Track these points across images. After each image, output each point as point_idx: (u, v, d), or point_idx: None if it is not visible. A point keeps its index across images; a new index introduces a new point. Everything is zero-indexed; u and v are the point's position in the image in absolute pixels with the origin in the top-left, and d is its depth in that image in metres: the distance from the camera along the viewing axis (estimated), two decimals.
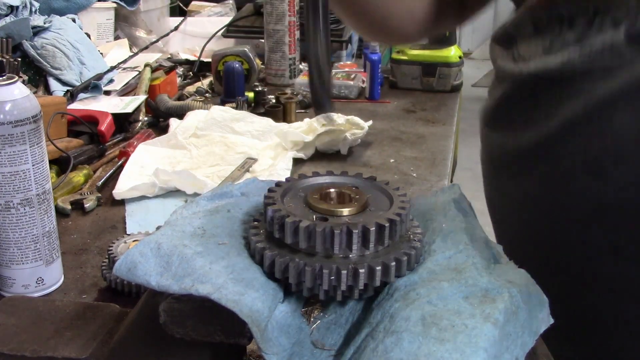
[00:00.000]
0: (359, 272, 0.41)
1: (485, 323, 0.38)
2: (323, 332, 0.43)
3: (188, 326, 0.42)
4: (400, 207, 0.44)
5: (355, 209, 0.44)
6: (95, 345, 0.50)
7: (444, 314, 0.39)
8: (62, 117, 1.08)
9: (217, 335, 0.42)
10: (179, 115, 1.24)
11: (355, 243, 0.41)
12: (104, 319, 0.53)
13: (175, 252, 0.42)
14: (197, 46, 1.74)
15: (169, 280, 0.40)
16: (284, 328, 0.42)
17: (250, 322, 0.38)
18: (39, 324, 0.53)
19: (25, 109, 0.65)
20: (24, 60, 1.29)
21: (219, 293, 0.39)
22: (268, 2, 1.48)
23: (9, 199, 0.66)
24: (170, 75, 1.48)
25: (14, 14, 1.38)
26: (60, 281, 0.73)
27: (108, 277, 0.71)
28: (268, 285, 0.42)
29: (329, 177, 0.49)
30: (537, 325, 0.42)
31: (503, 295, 0.41)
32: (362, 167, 1.07)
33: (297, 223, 0.41)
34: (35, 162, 0.67)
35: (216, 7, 2.05)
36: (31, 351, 0.50)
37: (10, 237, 0.68)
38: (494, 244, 0.48)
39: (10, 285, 0.70)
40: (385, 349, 0.37)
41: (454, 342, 0.37)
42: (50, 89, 1.29)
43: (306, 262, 0.41)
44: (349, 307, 0.44)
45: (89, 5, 1.62)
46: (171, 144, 1.10)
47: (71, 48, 1.34)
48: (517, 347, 0.40)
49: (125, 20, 1.79)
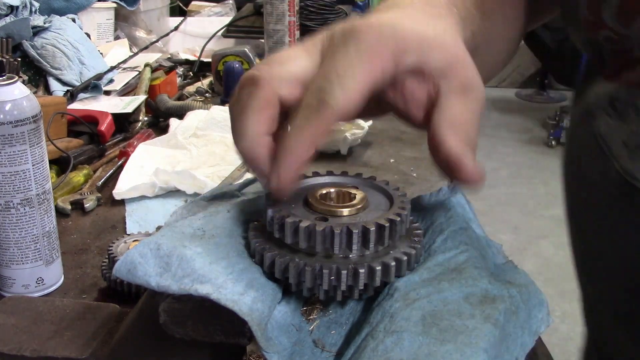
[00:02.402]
0: (359, 272, 0.41)
1: (486, 323, 0.38)
2: (323, 331, 0.43)
3: (188, 326, 0.42)
4: (400, 207, 0.44)
5: (355, 209, 0.44)
6: (95, 345, 0.50)
7: (444, 314, 0.39)
8: (62, 117, 1.08)
9: (217, 335, 0.42)
10: (179, 115, 1.24)
11: (355, 243, 0.41)
12: (104, 319, 0.53)
13: (175, 253, 0.42)
14: (197, 46, 1.74)
15: (169, 281, 0.40)
16: (284, 327, 0.42)
17: (251, 321, 0.38)
18: (39, 324, 0.53)
19: (25, 109, 0.65)
20: (24, 60, 1.29)
21: (219, 293, 0.39)
22: (268, 2, 1.48)
23: (9, 199, 0.66)
24: (170, 75, 1.48)
25: (14, 14, 1.38)
26: (60, 281, 0.73)
27: (108, 277, 0.71)
28: (268, 286, 0.42)
29: (329, 177, 0.49)
30: (537, 325, 0.42)
31: (503, 295, 0.41)
32: (362, 167, 1.07)
33: (297, 223, 0.41)
34: (35, 162, 0.67)
35: (216, 7, 2.05)
36: (31, 351, 0.50)
37: (10, 237, 0.68)
38: (494, 243, 0.49)
39: (10, 285, 0.70)
40: (385, 349, 0.37)
41: (454, 342, 0.37)
42: (50, 89, 1.29)
43: (306, 262, 0.41)
44: (349, 307, 0.44)
45: (89, 5, 1.62)
46: (171, 144, 1.10)
47: (71, 48, 1.34)
48: (517, 347, 0.40)
49: (125, 20, 1.79)
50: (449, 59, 0.46)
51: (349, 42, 0.44)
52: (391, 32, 0.44)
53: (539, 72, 5.20)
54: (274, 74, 0.45)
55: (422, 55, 0.45)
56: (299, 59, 0.46)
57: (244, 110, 0.44)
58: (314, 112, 0.42)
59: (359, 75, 0.42)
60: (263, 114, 0.44)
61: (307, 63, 0.45)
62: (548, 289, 2.76)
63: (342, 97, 0.42)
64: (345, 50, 0.44)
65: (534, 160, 4.19)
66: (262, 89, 0.44)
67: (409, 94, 0.46)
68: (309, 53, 0.46)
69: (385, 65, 0.44)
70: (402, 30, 0.45)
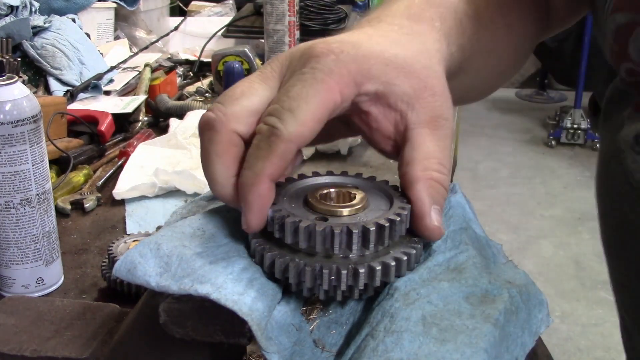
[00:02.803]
0: (359, 272, 0.41)
1: (486, 323, 0.38)
2: (324, 331, 0.43)
3: (188, 326, 0.42)
4: (400, 207, 0.44)
5: (355, 209, 0.44)
6: (95, 345, 0.50)
7: (444, 314, 0.39)
8: (62, 117, 1.08)
9: (217, 335, 0.42)
10: (179, 115, 1.24)
11: (355, 243, 0.41)
12: (104, 319, 0.53)
13: (175, 253, 0.42)
14: (197, 46, 1.74)
15: (169, 281, 0.40)
16: (283, 327, 0.42)
17: (250, 321, 0.38)
18: (39, 324, 0.53)
19: (25, 109, 0.65)
20: (24, 60, 1.29)
21: (218, 293, 0.39)
22: (268, 2, 1.48)
23: (9, 199, 0.66)
24: (170, 75, 1.48)
25: (14, 14, 1.38)
26: (60, 281, 0.73)
27: (108, 277, 0.71)
28: (267, 285, 0.42)
29: (329, 177, 0.49)
30: (537, 325, 0.42)
31: (503, 295, 0.41)
32: (362, 167, 1.07)
33: (297, 223, 0.41)
34: (35, 162, 0.67)
35: (216, 7, 2.05)
36: (31, 351, 0.50)
37: (10, 237, 0.68)
38: (494, 243, 0.49)
39: (10, 285, 0.70)
40: (385, 349, 0.37)
41: (454, 342, 0.37)
42: (50, 89, 1.29)
43: (306, 262, 0.41)
44: (349, 307, 0.44)
45: (89, 5, 1.62)
46: (171, 144, 1.10)
47: (71, 48, 1.34)
48: (517, 348, 0.40)
49: (125, 20, 1.79)
50: (416, 87, 0.44)
51: (306, 68, 0.42)
52: (352, 56, 0.43)
53: (539, 72, 5.20)
54: (229, 113, 0.43)
55: (387, 82, 0.43)
56: (254, 90, 0.44)
57: (208, 157, 0.43)
58: (265, 142, 0.41)
59: (313, 101, 0.41)
60: (226, 157, 0.43)
61: (264, 93, 0.44)
62: (548, 289, 2.77)
63: (294, 124, 0.40)
64: (301, 76, 0.42)
65: (534, 160, 4.19)
66: (219, 133, 0.43)
67: (374, 122, 0.45)
68: (267, 81, 0.44)
69: (344, 89, 0.42)
70: (366, 53, 0.43)
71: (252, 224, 0.42)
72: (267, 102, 0.43)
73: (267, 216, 0.43)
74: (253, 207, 0.42)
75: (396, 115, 0.44)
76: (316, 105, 0.41)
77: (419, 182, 0.44)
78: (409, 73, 0.44)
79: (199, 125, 0.44)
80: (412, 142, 0.44)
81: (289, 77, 0.43)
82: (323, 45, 0.43)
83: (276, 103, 0.42)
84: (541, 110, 4.90)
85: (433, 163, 0.44)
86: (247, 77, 0.46)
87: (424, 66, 0.45)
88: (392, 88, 0.43)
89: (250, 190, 0.41)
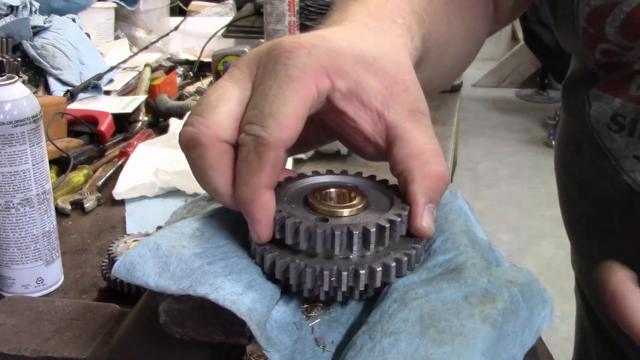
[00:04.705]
0: (359, 273, 0.41)
1: (484, 324, 0.38)
2: (324, 329, 0.43)
3: (188, 326, 0.42)
4: (401, 207, 0.44)
5: (356, 210, 0.44)
6: (95, 345, 0.50)
7: (443, 314, 0.39)
8: (62, 117, 1.08)
9: (217, 335, 0.42)
10: (179, 115, 1.24)
11: (355, 244, 0.41)
12: (104, 319, 0.53)
13: (174, 253, 0.42)
14: (197, 46, 1.74)
15: (168, 281, 0.40)
16: (283, 326, 0.42)
17: (249, 321, 0.38)
18: (39, 324, 0.53)
19: (25, 109, 0.65)
20: (24, 60, 1.29)
21: (217, 293, 0.39)
22: (268, 2, 1.48)
23: (9, 199, 0.66)
24: (170, 75, 1.48)
25: (14, 14, 1.38)
26: (60, 281, 0.73)
27: (108, 277, 0.71)
28: (267, 286, 0.42)
29: (329, 176, 0.49)
30: (540, 323, 0.42)
31: (503, 295, 0.41)
32: (362, 167, 1.07)
33: (297, 224, 0.41)
34: (35, 162, 0.67)
35: (216, 7, 2.05)
36: (31, 351, 0.50)
37: (10, 237, 0.68)
38: (498, 250, 0.48)
39: (10, 285, 0.70)
40: (382, 350, 0.37)
41: (451, 344, 0.37)
42: (50, 89, 1.29)
43: (307, 263, 0.41)
44: (349, 307, 0.44)
45: (89, 5, 1.62)
46: (171, 144, 1.10)
47: (71, 48, 1.34)
48: (516, 347, 0.40)
49: (125, 20, 1.79)
50: (387, 84, 0.43)
51: (278, 65, 0.41)
52: (324, 50, 0.42)
53: (539, 72, 5.20)
54: (211, 124, 0.41)
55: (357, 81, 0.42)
56: (229, 94, 0.42)
57: (204, 173, 0.42)
58: (253, 153, 0.40)
59: (291, 100, 0.40)
60: (222, 169, 0.42)
61: (239, 95, 0.43)
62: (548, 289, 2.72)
63: (277, 128, 0.39)
64: (275, 76, 0.41)
65: (534, 160, 4.19)
66: (208, 147, 0.41)
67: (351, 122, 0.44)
68: (239, 83, 0.43)
69: (319, 83, 0.41)
70: (335, 49, 0.42)
71: (262, 235, 0.42)
72: (244, 104, 0.42)
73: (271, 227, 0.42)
74: (260, 221, 0.41)
75: (372, 114, 0.44)
76: (295, 105, 0.40)
77: (415, 181, 0.43)
78: (379, 70, 0.43)
79: (182, 142, 0.43)
80: (401, 139, 0.44)
81: (262, 75, 0.42)
82: (292, 40, 0.42)
83: (254, 108, 0.41)
84: (541, 110, 4.89)
85: (429, 156, 0.44)
86: (217, 82, 0.44)
87: (393, 62, 0.44)
88: (363, 86, 0.43)
89: (252, 205, 0.41)
